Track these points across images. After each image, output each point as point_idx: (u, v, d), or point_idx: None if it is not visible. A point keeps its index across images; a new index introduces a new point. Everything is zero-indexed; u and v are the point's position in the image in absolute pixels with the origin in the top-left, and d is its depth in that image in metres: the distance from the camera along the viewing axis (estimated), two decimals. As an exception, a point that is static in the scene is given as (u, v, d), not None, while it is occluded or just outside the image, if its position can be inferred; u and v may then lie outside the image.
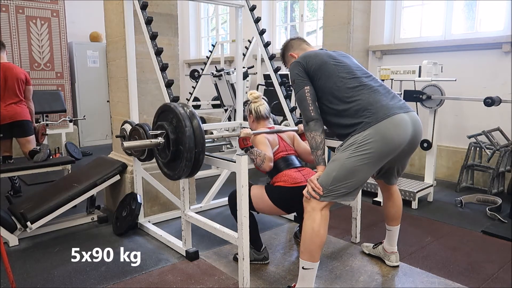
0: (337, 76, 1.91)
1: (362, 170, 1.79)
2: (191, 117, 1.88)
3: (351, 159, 1.77)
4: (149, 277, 2.21)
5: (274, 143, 2.30)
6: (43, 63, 5.85)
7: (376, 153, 1.77)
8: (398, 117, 1.81)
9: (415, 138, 1.90)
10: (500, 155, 3.45)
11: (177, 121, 1.89)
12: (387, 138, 1.77)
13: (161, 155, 2.03)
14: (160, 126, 1.99)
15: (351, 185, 1.80)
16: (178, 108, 1.90)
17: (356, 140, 1.79)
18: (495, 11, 3.88)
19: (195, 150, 1.85)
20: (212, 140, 4.12)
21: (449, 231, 2.85)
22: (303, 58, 1.99)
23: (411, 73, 3.41)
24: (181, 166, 1.89)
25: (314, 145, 1.92)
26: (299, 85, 1.94)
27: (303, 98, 1.92)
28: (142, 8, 2.55)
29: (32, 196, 3.06)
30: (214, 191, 3.30)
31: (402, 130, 1.81)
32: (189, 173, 1.96)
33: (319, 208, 1.83)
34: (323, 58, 1.97)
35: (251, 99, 2.48)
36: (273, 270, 2.27)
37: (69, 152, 5.10)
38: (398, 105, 1.86)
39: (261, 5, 6.03)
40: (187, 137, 1.83)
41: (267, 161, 2.13)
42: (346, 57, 2.07)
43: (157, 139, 1.95)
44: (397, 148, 1.82)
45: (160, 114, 2.04)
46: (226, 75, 4.75)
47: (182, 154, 1.87)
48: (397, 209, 2.26)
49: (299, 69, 1.96)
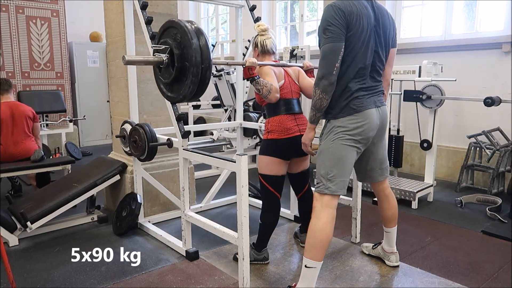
0: (358, 49, 1.83)
1: (346, 154, 1.89)
2: (197, 33, 1.72)
3: (334, 145, 1.89)
4: (149, 277, 2.21)
5: (280, 77, 2.25)
6: (43, 63, 5.85)
7: (351, 135, 1.88)
8: (368, 112, 1.90)
9: (381, 130, 2.04)
10: (500, 155, 3.45)
11: (183, 36, 1.73)
12: (357, 128, 1.89)
13: (164, 75, 1.87)
14: (164, 43, 1.82)
15: (343, 171, 1.89)
16: (184, 22, 1.76)
17: (332, 128, 1.91)
18: (495, 11, 3.88)
19: (202, 65, 1.71)
20: (212, 140, 4.13)
21: (449, 231, 2.85)
22: (347, 8, 1.78)
23: (411, 73, 3.41)
24: (187, 83, 1.74)
25: (318, 106, 1.86)
26: (335, 38, 1.77)
27: (336, 52, 1.77)
28: (142, 8, 2.55)
29: (32, 196, 3.06)
30: (214, 191, 3.30)
31: (371, 124, 1.92)
32: (194, 93, 1.80)
33: (326, 206, 1.88)
34: (363, 21, 1.81)
35: (258, 31, 2.34)
36: (273, 270, 2.27)
37: (69, 152, 5.10)
38: (373, 100, 1.94)
39: (261, 5, 6.02)
40: (193, 50, 1.68)
41: (273, 92, 2.11)
42: (384, 22, 1.94)
43: (161, 55, 1.78)
44: (367, 134, 1.93)
45: (163, 33, 1.88)
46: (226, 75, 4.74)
47: (188, 69, 1.73)
48: (394, 211, 2.27)
49: (341, 18, 1.76)
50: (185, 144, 2.38)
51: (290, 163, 2.30)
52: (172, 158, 3.19)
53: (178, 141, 2.40)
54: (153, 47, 1.87)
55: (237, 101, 3.47)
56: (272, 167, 2.22)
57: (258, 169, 2.26)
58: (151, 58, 1.83)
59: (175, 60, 1.76)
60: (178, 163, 2.51)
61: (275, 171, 2.23)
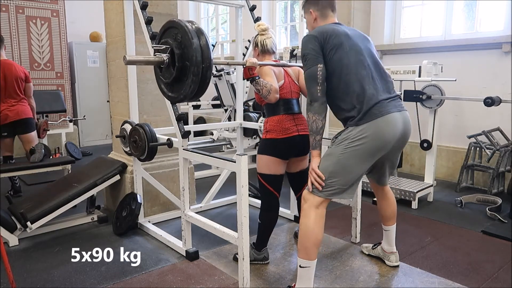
0: (347, 60, 1.86)
1: (355, 165, 1.83)
2: (198, 33, 1.74)
3: (345, 155, 1.81)
4: (149, 277, 2.21)
5: (280, 77, 2.25)
6: (43, 63, 5.85)
7: (368, 148, 1.81)
8: (391, 116, 1.84)
9: (404, 137, 1.94)
10: (500, 155, 3.45)
11: (183, 35, 1.75)
12: (379, 135, 1.81)
13: (164, 75, 1.88)
14: (164, 43, 1.84)
15: (346, 181, 1.84)
16: (184, 22, 1.77)
17: (350, 135, 1.82)
18: (495, 11, 3.88)
19: (203, 65, 1.72)
20: (212, 140, 4.13)
21: (449, 231, 2.85)
22: (321, 34, 1.88)
23: (411, 73, 3.42)
24: (187, 83, 1.75)
25: (314, 129, 1.87)
26: (312, 61, 1.85)
27: (314, 76, 1.84)
28: (142, 8, 2.55)
29: (32, 196, 3.06)
30: (214, 191, 3.30)
31: (394, 128, 1.86)
32: (195, 93, 1.80)
33: (314, 206, 1.85)
34: (341, 39, 1.88)
35: (258, 31, 2.34)
36: (273, 270, 2.27)
37: (69, 152, 5.10)
38: (393, 103, 1.89)
39: (261, 5, 6.02)
40: (194, 50, 1.70)
41: (273, 92, 2.11)
42: (362, 39, 1.99)
43: (162, 55, 1.79)
44: (387, 144, 1.86)
45: (163, 33, 1.89)
46: (226, 75, 4.74)
47: (189, 69, 1.74)
48: (393, 208, 2.27)
49: (315, 44, 1.86)
50: (185, 144, 2.38)
51: (288, 162, 2.30)
52: (172, 158, 3.18)
53: (178, 141, 2.40)
54: (154, 47, 1.88)
55: (237, 101, 3.47)
56: (270, 166, 2.22)
57: (257, 168, 2.26)
58: (152, 58, 1.84)
59: (176, 60, 1.77)
60: (178, 163, 2.51)
61: (274, 170, 2.23)
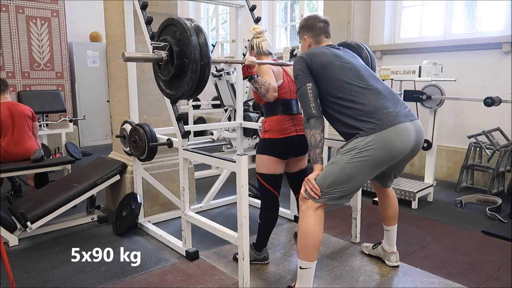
0: (343, 76, 1.88)
1: (360, 175, 1.81)
2: (196, 30, 1.75)
3: (351, 164, 1.77)
4: (149, 277, 2.21)
5: (278, 76, 2.25)
6: (43, 63, 5.85)
7: (377, 160, 1.77)
8: (402, 126, 1.80)
9: (416, 147, 1.90)
10: (500, 155, 3.45)
11: (182, 33, 1.75)
12: (390, 146, 1.77)
13: (163, 72, 1.89)
14: (163, 40, 1.85)
15: (347, 189, 1.82)
16: (183, 20, 1.79)
17: (358, 145, 1.77)
18: (495, 11, 3.88)
19: (201, 62, 1.73)
20: (212, 140, 4.13)
21: (449, 231, 2.85)
22: (308, 55, 1.96)
23: (411, 73, 3.41)
24: (186, 80, 1.77)
25: (313, 143, 1.90)
26: (301, 81, 1.93)
27: (304, 94, 1.90)
28: (142, 8, 2.55)
29: (32, 196, 3.06)
30: (214, 191, 3.30)
31: (406, 139, 1.81)
32: (193, 90, 1.81)
33: (313, 207, 1.85)
34: (329, 58, 1.94)
35: (254, 34, 2.35)
36: (273, 270, 2.27)
37: (69, 152, 5.10)
38: (403, 112, 1.85)
39: (261, 5, 6.02)
40: (193, 47, 1.71)
41: (271, 91, 2.11)
42: (354, 57, 2.05)
43: (160, 53, 1.80)
44: (398, 156, 1.82)
45: (162, 30, 1.89)
46: (226, 75, 4.75)
47: (187, 66, 1.75)
48: (394, 208, 2.27)
49: (302, 65, 1.94)
50: (185, 144, 2.38)
51: (287, 162, 2.30)
52: (172, 158, 3.18)
53: (178, 141, 2.40)
54: (153, 44, 1.88)
55: (237, 101, 3.47)
56: (269, 166, 2.22)
57: (256, 168, 2.26)
58: (151, 55, 1.84)
59: (175, 57, 1.77)
60: (178, 163, 2.50)
61: (273, 169, 2.23)
